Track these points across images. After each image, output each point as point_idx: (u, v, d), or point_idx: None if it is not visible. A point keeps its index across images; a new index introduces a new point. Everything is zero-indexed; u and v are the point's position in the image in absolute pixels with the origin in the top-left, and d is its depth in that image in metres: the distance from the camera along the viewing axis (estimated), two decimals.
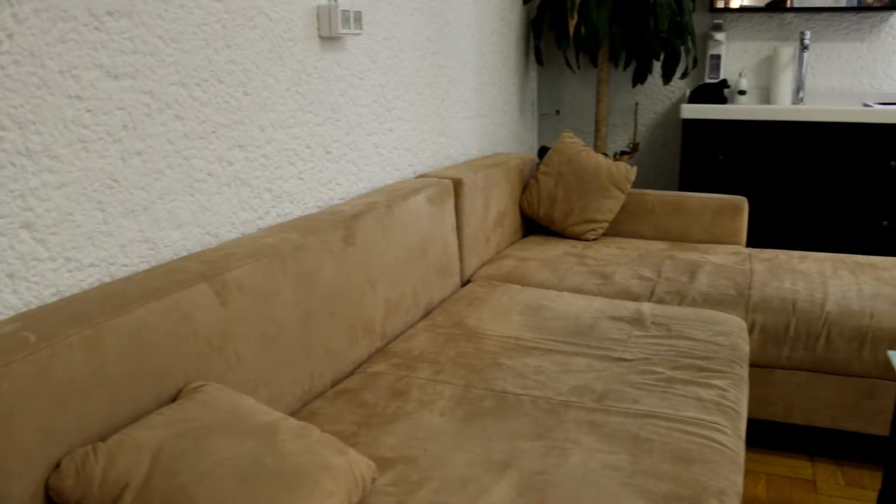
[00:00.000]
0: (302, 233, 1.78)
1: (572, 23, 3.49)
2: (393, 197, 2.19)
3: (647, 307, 2.28)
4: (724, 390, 1.74)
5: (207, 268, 1.49)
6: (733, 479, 1.41)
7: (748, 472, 2.38)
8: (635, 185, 4.30)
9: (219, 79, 1.74)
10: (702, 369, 1.85)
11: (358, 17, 2.18)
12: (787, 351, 2.31)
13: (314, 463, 1.21)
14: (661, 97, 4.21)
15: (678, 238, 3.08)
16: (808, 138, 3.57)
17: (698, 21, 4.07)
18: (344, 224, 1.90)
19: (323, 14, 2.08)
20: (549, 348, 1.97)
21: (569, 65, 3.91)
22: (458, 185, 2.54)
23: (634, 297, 2.44)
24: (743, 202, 3.04)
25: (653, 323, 2.15)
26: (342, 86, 2.23)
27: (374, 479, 1.33)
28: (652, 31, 3.55)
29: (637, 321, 2.16)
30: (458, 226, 2.55)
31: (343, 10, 2.10)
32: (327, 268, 1.81)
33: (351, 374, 1.88)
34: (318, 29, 2.09)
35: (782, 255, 2.84)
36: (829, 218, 3.59)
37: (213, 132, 1.73)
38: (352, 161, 2.31)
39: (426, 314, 2.28)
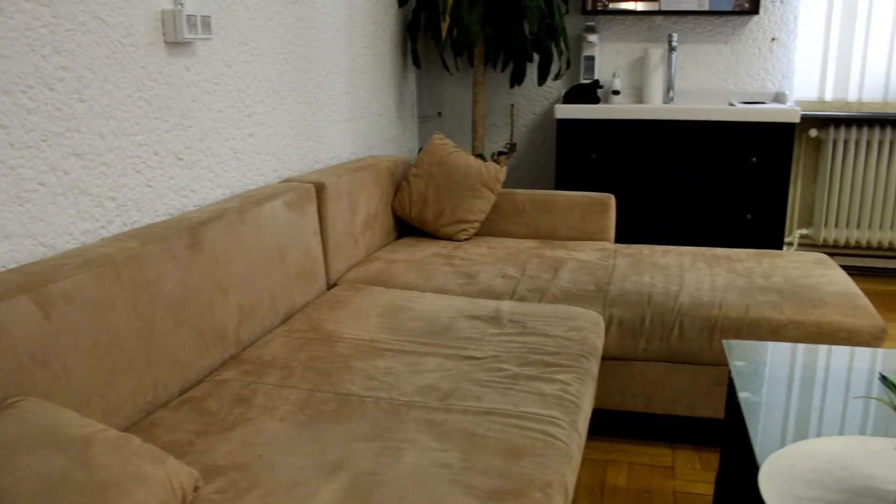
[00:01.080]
0: (142, 241, 1.75)
1: (444, 25, 3.52)
2: (247, 203, 2.17)
3: (506, 305, 2.31)
4: (567, 384, 1.78)
5: (29, 280, 1.45)
6: (562, 471, 1.44)
7: (611, 463, 2.44)
8: (514, 184, 4.36)
9: (48, 86, 1.69)
10: (549, 365, 1.89)
11: (206, 22, 2.15)
12: (643, 343, 2.37)
13: (127, 474, 1.19)
14: (538, 98, 4.28)
15: (548, 236, 3.14)
16: (678, 136, 3.68)
17: (572, 23, 4.15)
18: (189, 231, 1.88)
19: (167, 19, 2.05)
20: (402, 349, 1.98)
21: (446, 67, 3.95)
22: (320, 189, 2.53)
23: (497, 296, 2.47)
24: (610, 199, 3.12)
25: (509, 321, 2.18)
26: (194, 91, 2.20)
27: (196, 488, 1.31)
28: (524, 33, 3.60)
29: (494, 319, 2.19)
30: (321, 230, 2.54)
31: (189, 15, 2.07)
32: (171, 276, 1.78)
33: (200, 382, 1.86)
34: (164, 34, 2.06)
35: (646, 250, 2.92)
36: (698, 213, 3.71)
37: (44, 140, 1.69)
38: (208, 167, 2.28)
39: (286, 319, 2.27)
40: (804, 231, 4.34)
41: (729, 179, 3.67)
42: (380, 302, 2.33)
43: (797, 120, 3.58)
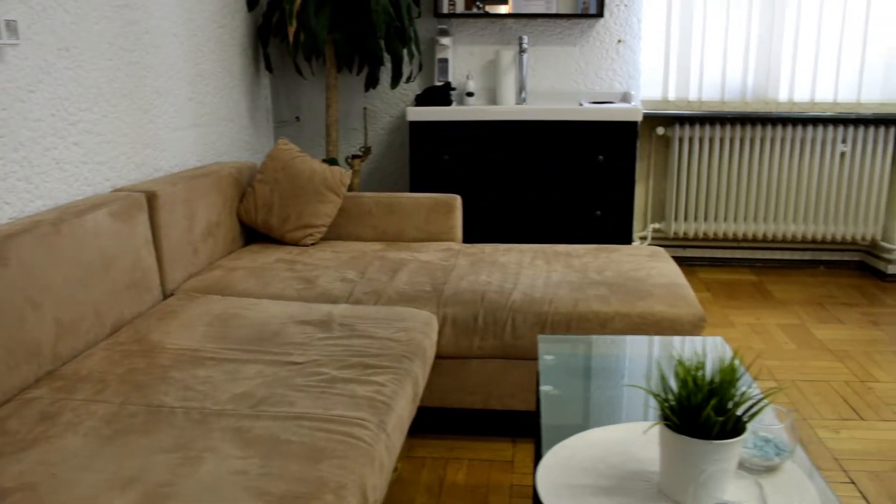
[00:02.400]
0: None
1: (291, 29, 3.50)
2: (66, 214, 2.11)
3: (340, 309, 2.32)
4: (383, 386, 1.80)
5: None
6: (361, 472, 1.46)
7: (451, 461, 2.48)
8: (373, 187, 4.37)
9: None
10: (368, 367, 1.90)
11: (13, 27, 2.08)
12: (478, 341, 2.42)
13: None
14: (396, 101, 4.30)
15: (395, 238, 3.16)
16: (530, 136, 3.76)
17: (426, 26, 4.19)
18: None
19: None
20: (225, 357, 1.97)
21: (298, 71, 3.93)
22: (152, 197, 2.48)
23: (334, 300, 2.48)
24: (455, 200, 3.16)
25: (340, 324, 2.19)
26: (5, 99, 2.13)
27: None
28: (373, 37, 3.62)
29: (324, 324, 2.19)
30: (154, 239, 2.49)
31: None
32: None
33: (7, 402, 1.79)
34: None
35: (488, 249, 2.97)
36: (550, 211, 3.79)
37: None
38: (25, 178, 2.21)
39: (113, 332, 2.22)
40: (657, 225, 4.50)
41: (578, 177, 3.77)
42: (212, 310, 2.31)
43: (639, 119, 3.70)
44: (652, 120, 4.37)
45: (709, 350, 1.89)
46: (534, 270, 2.69)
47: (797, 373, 3.15)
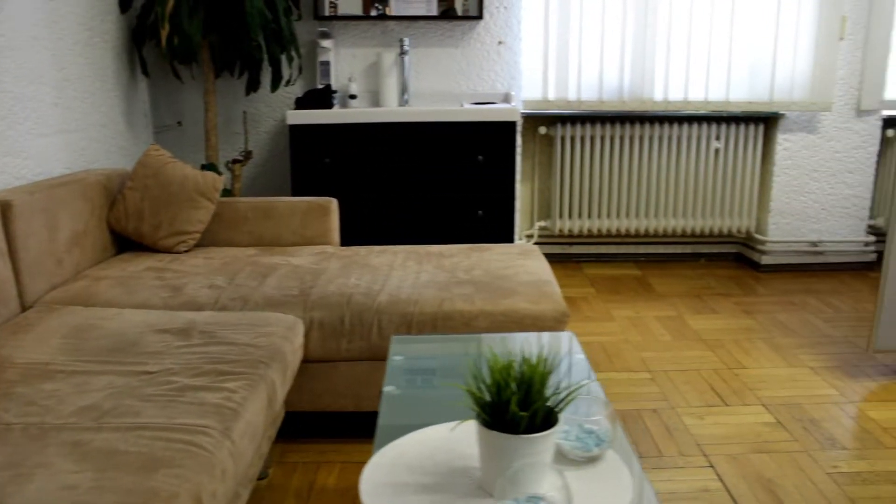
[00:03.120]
0: None
1: (164, 32, 3.44)
2: None
3: (203, 316, 2.29)
4: (234, 392, 1.79)
5: None
6: (199, 480, 1.45)
7: (323, 464, 2.47)
8: (258, 192, 4.33)
9: None
10: (222, 374, 1.89)
11: None
12: (345, 343, 2.42)
13: None
14: (279, 104, 4.27)
15: (272, 243, 3.14)
16: (411, 138, 3.77)
17: (307, 29, 4.16)
18: None
19: None
20: (76, 370, 1.92)
21: (176, 75, 3.87)
22: (5, 207, 2.41)
23: (199, 307, 2.45)
24: (330, 203, 3.16)
25: (200, 332, 2.17)
26: None
27: None
28: (250, 40, 3.58)
29: (184, 332, 2.17)
30: (10, 251, 2.42)
31: None
32: None
33: None
34: None
35: (363, 251, 2.98)
36: (433, 211, 3.82)
37: None
38: None
39: None
40: (543, 223, 4.58)
41: (459, 178, 3.80)
42: (70, 322, 2.25)
43: (517, 119, 3.76)
44: (535, 120, 4.44)
45: (558, 344, 1.94)
46: (404, 272, 2.71)
47: (670, 363, 3.25)
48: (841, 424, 2.76)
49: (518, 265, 2.76)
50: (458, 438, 1.40)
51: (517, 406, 1.16)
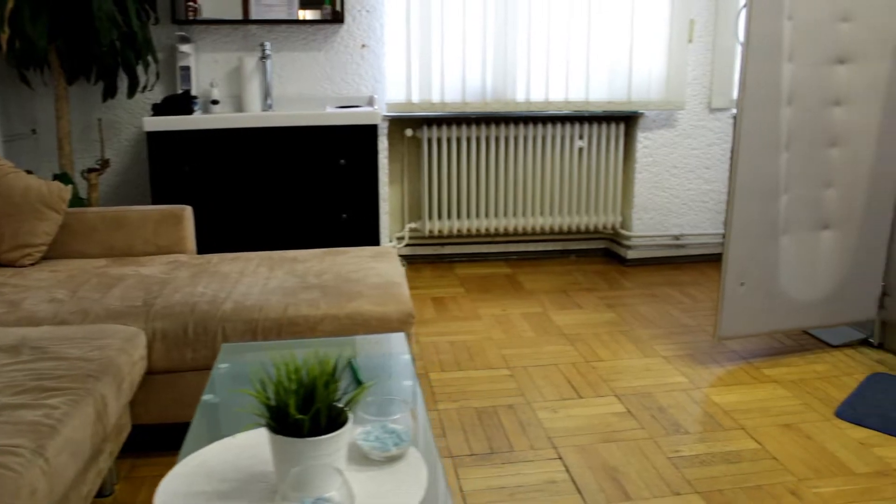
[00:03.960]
0: None
1: (4, 36, 3.32)
2: None
3: (38, 332, 2.23)
4: (54, 408, 1.74)
5: None
6: (5, 501, 1.41)
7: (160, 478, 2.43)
8: (118, 201, 4.23)
9: None
10: (46, 390, 1.84)
11: None
12: (190, 353, 2.39)
13: None
14: (140, 111, 4.18)
15: (124, 253, 3.07)
16: (274, 143, 3.75)
17: (165, 33, 4.08)
18: None
19: None
20: None
21: (24, 81, 3.74)
22: None
23: (37, 322, 2.38)
24: (184, 210, 3.11)
25: (31, 347, 2.10)
26: None
27: None
28: (98, 44, 3.49)
29: (14, 349, 2.10)
30: None
31: None
32: None
33: None
34: None
35: (215, 259, 2.95)
36: (297, 216, 3.80)
37: None
38: None
39: None
40: (413, 225, 4.61)
41: (323, 182, 3.80)
42: None
43: (378, 122, 3.78)
44: (402, 122, 4.47)
45: (389, 347, 1.96)
46: (254, 278, 2.69)
47: (530, 359, 3.32)
48: (686, 410, 2.87)
49: (369, 268, 2.78)
50: (264, 444, 1.40)
51: (297, 409, 1.17)
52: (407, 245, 4.71)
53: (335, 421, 1.22)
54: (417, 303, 4.02)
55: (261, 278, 2.69)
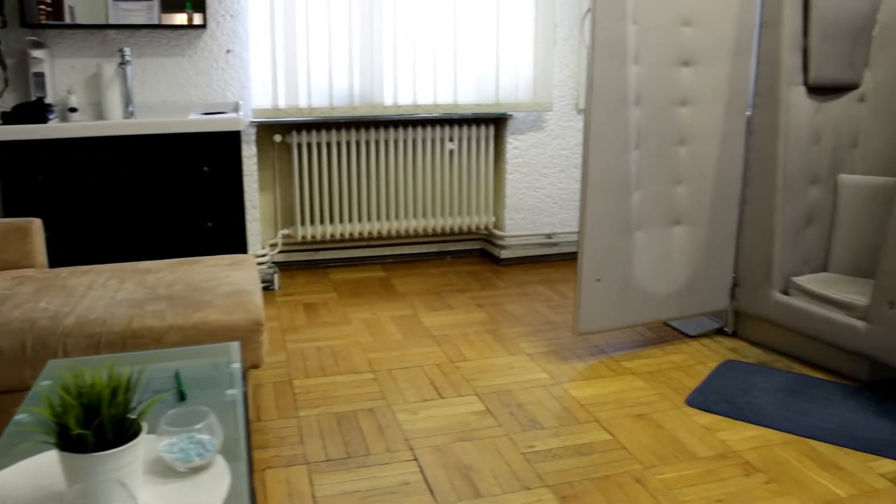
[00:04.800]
0: None
1: None
2: None
3: None
4: None
5: None
6: None
7: None
8: None
9: None
10: None
11: None
12: (29, 371, 2.31)
13: None
14: None
15: None
16: (135, 151, 3.65)
17: (15, 37, 3.94)
18: None
19: None
20: None
21: None
22: None
23: None
24: (31, 224, 3.01)
25: None
26: None
27: None
28: None
29: None
30: None
31: None
32: None
33: None
34: None
35: (65, 272, 2.86)
36: (160, 225, 3.72)
37: None
38: None
39: None
40: (286, 231, 4.57)
41: (186, 190, 3.73)
42: None
43: (241, 128, 3.73)
44: (271, 128, 4.43)
45: (223, 356, 1.94)
46: (102, 291, 2.62)
47: (395, 361, 3.33)
48: (544, 406, 2.93)
49: (223, 276, 2.74)
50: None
51: (79, 424, 1.15)
52: (281, 252, 4.67)
53: (125, 434, 1.20)
54: (288, 310, 3.99)
55: (109, 291, 2.62)
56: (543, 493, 2.36)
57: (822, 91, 3.40)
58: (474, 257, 5.04)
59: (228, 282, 2.68)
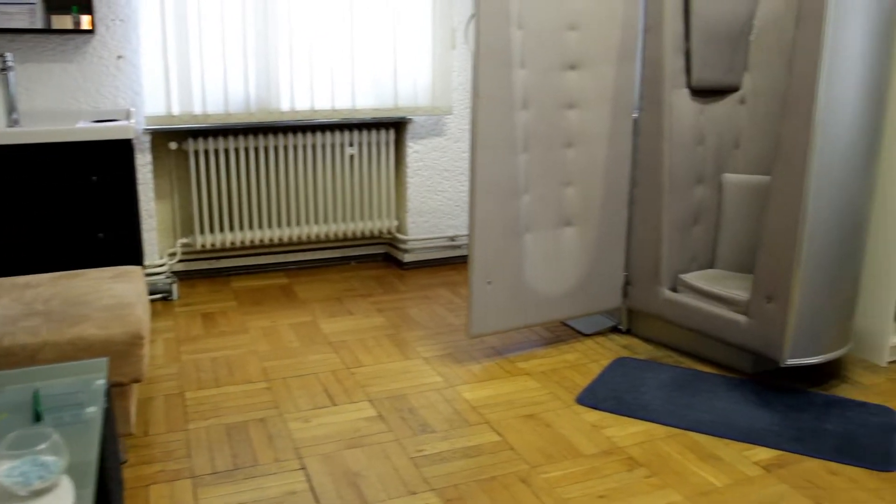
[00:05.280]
0: None
1: None
2: None
3: None
4: None
5: None
6: None
7: None
8: None
9: None
10: None
11: None
12: None
13: None
14: None
15: None
16: (22, 161, 3.55)
17: None
18: None
19: None
20: None
21: None
22: None
23: None
24: None
25: None
26: None
27: None
28: None
29: None
30: None
31: None
32: None
33: None
34: None
35: None
36: (51, 238, 3.62)
37: None
38: None
39: None
40: (184, 240, 4.49)
41: (76, 201, 3.63)
42: None
43: (132, 136, 3.65)
44: (167, 135, 4.35)
45: (89, 373, 1.90)
46: None
47: (290, 370, 3.31)
48: (436, 410, 2.94)
49: (104, 290, 2.69)
50: None
51: None
52: (181, 261, 4.60)
53: None
54: (186, 320, 3.92)
55: None
56: (429, 496, 2.38)
57: (704, 94, 3.50)
58: (379, 261, 5.04)
59: (110, 294, 2.63)
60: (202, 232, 4.46)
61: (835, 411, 2.93)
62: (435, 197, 4.85)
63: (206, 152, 4.37)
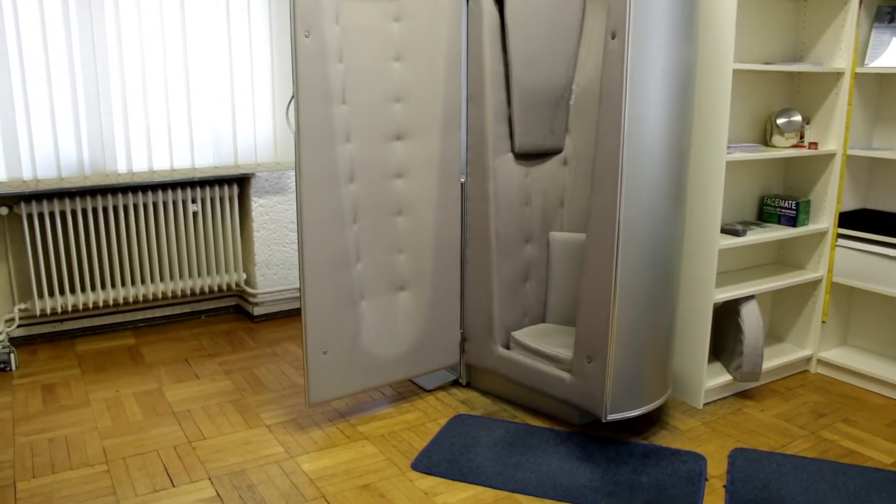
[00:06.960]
0: None
1: None
2: None
3: None
4: None
5: None
6: None
7: None
8: None
9: None
10: None
11: None
12: None
13: None
14: None
15: None
16: None
17: None
18: None
19: None
20: None
21: None
22: None
23: None
24: None
25: None
26: None
27: None
28: None
29: None
30: None
31: None
32: None
33: None
34: None
35: None
36: None
37: None
38: None
39: None
40: (22, 305, 4.39)
41: None
42: None
43: None
44: None
45: None
46: None
47: (131, 447, 3.29)
48: (275, 485, 3.00)
49: None
50: None
51: None
52: (20, 326, 4.48)
53: None
54: (24, 393, 3.84)
55: None
56: None
57: (529, 157, 3.68)
58: (230, 314, 5.04)
59: None
60: (41, 296, 4.37)
61: (651, 462, 3.14)
62: (282, 249, 4.89)
63: (41, 215, 4.28)
